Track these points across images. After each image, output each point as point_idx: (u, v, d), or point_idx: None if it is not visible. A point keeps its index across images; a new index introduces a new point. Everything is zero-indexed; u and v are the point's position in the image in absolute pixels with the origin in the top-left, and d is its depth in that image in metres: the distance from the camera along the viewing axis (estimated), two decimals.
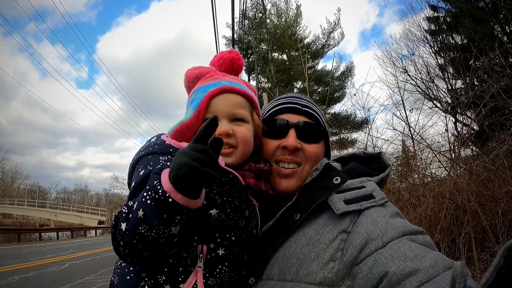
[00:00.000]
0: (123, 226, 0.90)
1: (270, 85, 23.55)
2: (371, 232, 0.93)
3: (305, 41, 26.53)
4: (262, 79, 25.02)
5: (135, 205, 0.90)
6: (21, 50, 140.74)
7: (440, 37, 16.37)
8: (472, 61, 11.85)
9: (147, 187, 0.87)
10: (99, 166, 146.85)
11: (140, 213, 0.86)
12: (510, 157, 5.32)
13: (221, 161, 1.01)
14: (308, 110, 1.23)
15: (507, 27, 11.02)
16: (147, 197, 0.86)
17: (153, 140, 1.12)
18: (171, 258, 0.98)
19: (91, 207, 56.33)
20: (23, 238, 25.13)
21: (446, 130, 6.54)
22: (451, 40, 15.90)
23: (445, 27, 15.75)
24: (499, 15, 12.33)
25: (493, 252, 4.05)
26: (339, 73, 26.34)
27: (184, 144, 1.02)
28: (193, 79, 1.19)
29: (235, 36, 27.37)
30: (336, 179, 1.06)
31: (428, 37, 16.89)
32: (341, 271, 0.91)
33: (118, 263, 1.08)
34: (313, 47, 26.56)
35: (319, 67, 27.14)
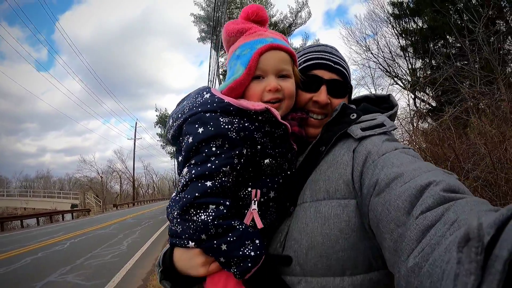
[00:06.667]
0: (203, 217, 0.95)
1: None
2: (370, 150, 1.05)
3: (273, 20, 26.79)
4: None
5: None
6: None
7: (403, 21, 17.43)
8: (431, 45, 13.24)
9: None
10: (61, 150, 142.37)
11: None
12: (454, 123, 6.81)
13: (278, 115, 1.07)
14: (339, 67, 1.30)
15: (464, 15, 12.00)
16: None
17: (207, 96, 1.08)
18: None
19: (62, 191, 55.21)
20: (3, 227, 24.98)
21: (408, 105, 7.95)
22: (413, 24, 16.99)
23: (408, 12, 16.79)
24: (458, 5, 13.20)
25: None
26: None
27: (244, 102, 1.05)
28: (235, 34, 1.19)
29: (203, 13, 27.55)
30: (353, 115, 1.19)
31: (391, 19, 17.86)
32: (356, 184, 1.02)
33: (175, 213, 1.05)
34: (280, 25, 26.92)
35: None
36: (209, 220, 0.94)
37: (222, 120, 1.00)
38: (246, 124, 1.02)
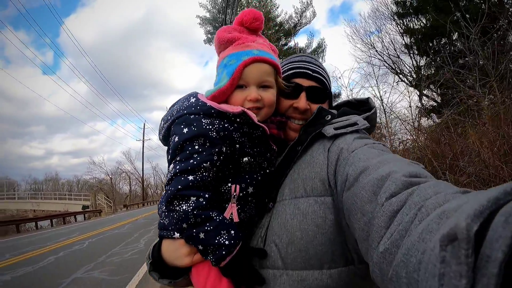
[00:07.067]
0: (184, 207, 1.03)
1: None
2: (341, 147, 1.09)
3: (278, 20, 27.02)
4: None
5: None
6: None
7: (407, 19, 17.67)
8: (435, 43, 13.42)
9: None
10: (68, 152, 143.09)
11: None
12: (453, 122, 7.20)
13: (255, 118, 1.14)
14: (317, 75, 1.37)
15: (467, 15, 11.64)
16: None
17: (193, 100, 1.17)
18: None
19: (73, 193, 56.12)
20: (9, 230, 25.33)
21: (410, 106, 8.35)
22: (416, 23, 17.25)
23: (411, 10, 17.06)
24: (460, 3, 13.43)
25: None
26: (311, 49, 27.32)
27: (224, 106, 1.13)
28: (225, 43, 1.25)
29: (208, 16, 27.78)
30: (327, 116, 1.25)
31: (395, 17, 18.02)
32: (331, 182, 1.07)
33: (163, 207, 1.11)
34: (286, 26, 27.17)
35: (291, 43, 27.27)
36: (189, 210, 1.02)
37: (204, 121, 1.10)
38: (225, 125, 1.11)
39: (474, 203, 0.41)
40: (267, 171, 1.21)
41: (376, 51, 17.92)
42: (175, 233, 1.13)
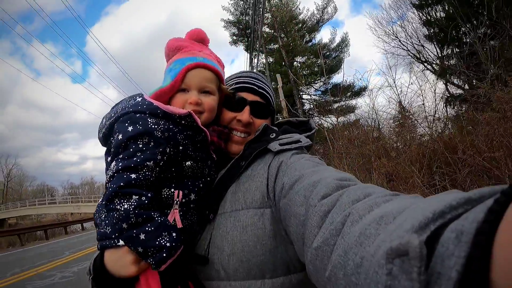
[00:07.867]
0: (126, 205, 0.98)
1: (272, 62, 25.19)
2: (281, 161, 1.13)
3: (300, 17, 27.65)
4: (271, 59, 26.64)
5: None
6: (12, 53, 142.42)
7: (428, 9, 17.81)
8: (456, 33, 13.60)
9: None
10: (102, 157, 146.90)
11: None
12: (468, 120, 7.80)
13: (199, 121, 1.15)
14: (263, 91, 1.41)
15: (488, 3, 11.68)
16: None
17: (139, 99, 1.15)
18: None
19: None
20: (56, 232, 27.04)
21: (423, 104, 8.78)
22: (439, 9, 17.35)
23: (430, 1, 17.24)
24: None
25: (455, 178, 6.41)
26: (335, 44, 27.54)
27: (171, 107, 1.13)
28: (173, 50, 1.29)
29: (232, 18, 28.44)
30: (272, 134, 1.29)
31: (416, 8, 18.18)
32: (271, 194, 1.09)
33: (103, 216, 1.10)
34: (308, 23, 27.66)
35: (315, 40, 28.26)
36: (131, 209, 0.96)
37: (149, 120, 1.07)
38: (170, 126, 1.09)
39: (417, 214, 0.43)
40: (208, 179, 1.21)
41: (400, 41, 18.04)
42: (119, 240, 1.03)
